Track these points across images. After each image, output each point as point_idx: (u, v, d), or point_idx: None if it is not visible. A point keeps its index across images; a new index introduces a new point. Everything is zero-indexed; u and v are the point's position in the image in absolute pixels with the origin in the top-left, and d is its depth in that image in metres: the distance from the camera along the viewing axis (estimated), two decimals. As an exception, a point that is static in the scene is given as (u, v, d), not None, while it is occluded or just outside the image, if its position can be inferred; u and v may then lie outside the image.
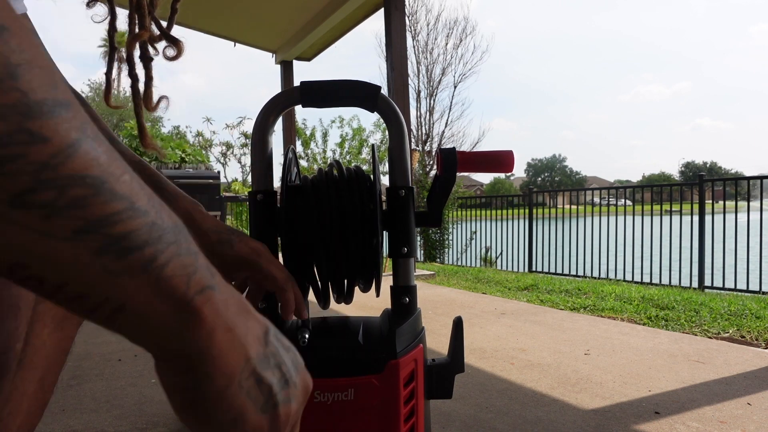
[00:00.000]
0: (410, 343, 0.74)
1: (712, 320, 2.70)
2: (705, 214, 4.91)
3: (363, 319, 0.77)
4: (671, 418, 1.40)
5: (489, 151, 0.79)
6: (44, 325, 0.63)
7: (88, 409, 1.48)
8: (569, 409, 1.47)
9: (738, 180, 5.20)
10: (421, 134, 16.01)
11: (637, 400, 1.53)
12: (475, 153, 0.78)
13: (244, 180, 19.35)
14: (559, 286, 4.01)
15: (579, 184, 67.22)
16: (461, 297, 3.36)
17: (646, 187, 7.31)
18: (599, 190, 6.47)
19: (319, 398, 0.69)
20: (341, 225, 0.71)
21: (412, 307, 0.78)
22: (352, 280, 0.77)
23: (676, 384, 1.67)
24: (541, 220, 6.88)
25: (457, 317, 0.81)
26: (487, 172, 0.80)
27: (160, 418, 1.41)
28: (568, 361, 1.91)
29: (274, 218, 0.77)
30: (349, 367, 0.70)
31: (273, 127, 0.80)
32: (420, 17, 15.88)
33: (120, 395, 1.58)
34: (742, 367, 1.84)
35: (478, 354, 2.01)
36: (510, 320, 2.63)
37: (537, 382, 1.69)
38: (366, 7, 4.72)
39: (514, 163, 0.78)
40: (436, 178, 0.78)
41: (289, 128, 6.01)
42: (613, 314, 2.89)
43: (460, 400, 1.53)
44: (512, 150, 0.79)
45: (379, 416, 0.70)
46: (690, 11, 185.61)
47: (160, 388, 1.71)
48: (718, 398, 1.54)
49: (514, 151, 0.79)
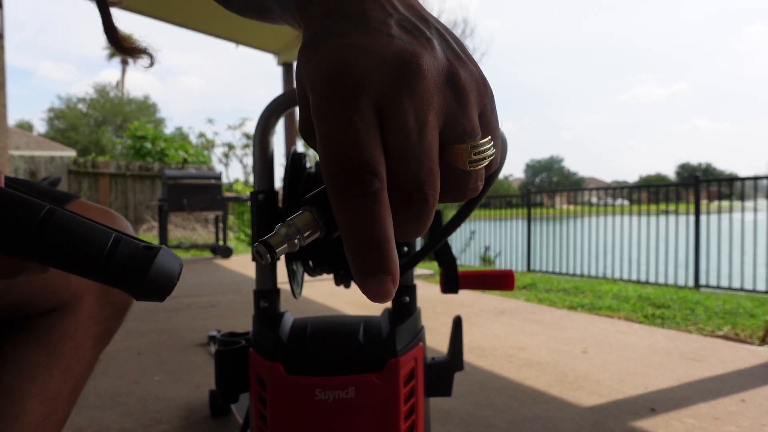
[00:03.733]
0: (410, 341, 0.76)
1: (708, 318, 2.72)
2: (700, 214, 4.94)
3: (363, 318, 0.79)
4: (667, 415, 1.42)
5: (490, 270, 0.82)
6: (87, 338, 0.65)
7: (92, 406, 1.49)
8: (567, 407, 1.49)
9: (733, 181, 5.23)
10: (420, 134, 16.00)
11: (633, 398, 1.55)
12: (476, 273, 0.81)
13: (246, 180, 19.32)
14: (557, 285, 4.03)
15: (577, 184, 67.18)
16: (461, 296, 3.37)
17: (643, 187, 7.34)
18: (596, 190, 6.49)
19: (320, 396, 0.70)
20: None
21: (412, 306, 0.79)
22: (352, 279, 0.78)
23: (672, 381, 1.69)
24: (539, 220, 6.91)
25: (456, 316, 0.83)
26: (488, 289, 0.83)
27: (163, 416, 1.43)
28: (566, 359, 1.93)
29: (275, 218, 0.78)
30: (350, 366, 0.72)
31: (274, 128, 0.82)
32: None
33: (124, 392, 1.60)
34: (737, 364, 1.86)
35: (477, 352, 2.03)
36: (509, 319, 2.65)
37: (535, 380, 1.71)
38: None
39: (515, 282, 0.81)
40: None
41: (290, 129, 6.02)
42: (611, 313, 2.91)
43: (459, 397, 1.55)
44: (512, 270, 0.84)
45: (380, 414, 0.72)
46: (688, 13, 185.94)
47: (163, 386, 1.72)
48: (712, 395, 1.56)
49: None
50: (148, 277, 0.27)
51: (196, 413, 1.45)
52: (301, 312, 2.72)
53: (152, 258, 0.27)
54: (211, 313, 2.82)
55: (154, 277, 0.27)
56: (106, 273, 0.26)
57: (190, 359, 1.96)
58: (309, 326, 0.76)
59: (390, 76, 0.24)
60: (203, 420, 1.40)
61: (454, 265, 0.80)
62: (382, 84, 0.24)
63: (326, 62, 0.24)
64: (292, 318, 0.80)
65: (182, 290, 3.64)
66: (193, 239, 8.81)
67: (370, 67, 0.24)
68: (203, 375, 1.76)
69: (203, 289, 3.68)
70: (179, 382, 1.69)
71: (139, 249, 0.27)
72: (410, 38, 0.25)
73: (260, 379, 0.75)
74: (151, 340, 2.24)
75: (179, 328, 2.46)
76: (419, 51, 0.25)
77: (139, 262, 0.27)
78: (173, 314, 2.78)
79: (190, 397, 1.57)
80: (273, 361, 0.72)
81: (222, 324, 2.51)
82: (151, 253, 0.27)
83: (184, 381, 1.71)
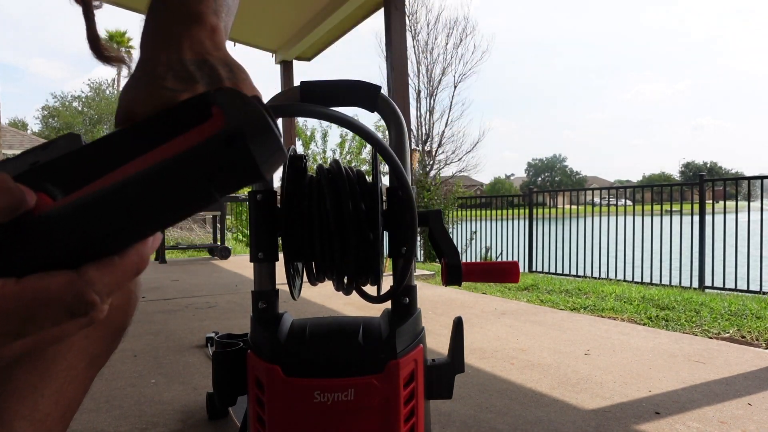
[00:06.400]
0: (410, 343, 0.74)
1: (713, 320, 2.70)
2: (705, 214, 4.91)
3: (363, 319, 0.77)
4: (671, 419, 1.40)
5: (494, 262, 0.80)
6: (81, 359, 0.64)
7: (87, 409, 1.47)
8: (569, 410, 1.47)
9: (738, 180, 5.20)
10: (421, 134, 16.01)
11: (637, 401, 1.53)
12: (480, 264, 0.79)
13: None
14: (559, 286, 4.01)
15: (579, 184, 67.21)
16: (461, 297, 3.35)
17: (647, 187, 7.32)
18: (599, 190, 6.47)
19: (320, 398, 0.69)
20: (340, 224, 0.71)
21: (412, 308, 0.77)
22: (352, 279, 0.77)
23: (677, 384, 1.67)
24: (541, 220, 6.89)
25: (457, 317, 0.81)
26: (492, 282, 0.80)
27: (159, 419, 1.41)
28: (568, 362, 1.91)
29: (273, 218, 0.76)
30: (349, 368, 0.70)
31: (273, 126, 0.80)
32: (420, 17, 15.87)
33: (119, 395, 1.58)
34: (743, 367, 1.83)
35: (478, 354, 2.01)
36: (510, 320, 2.63)
37: (537, 383, 1.69)
38: (366, 7, 4.72)
39: (519, 273, 0.79)
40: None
41: (289, 128, 6.01)
42: (614, 314, 2.89)
43: (460, 400, 1.53)
44: (517, 261, 0.81)
45: (380, 416, 0.70)
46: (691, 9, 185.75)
47: (159, 388, 1.70)
48: (718, 398, 1.54)
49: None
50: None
51: (194, 416, 1.43)
52: (300, 313, 2.71)
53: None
54: (209, 314, 2.80)
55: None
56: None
57: (188, 361, 1.94)
58: (308, 327, 0.75)
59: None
60: (200, 423, 1.39)
61: (456, 256, 0.77)
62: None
63: (120, 104, 0.39)
64: (291, 319, 0.78)
65: (179, 291, 3.62)
66: (191, 239, 8.82)
67: (145, 112, 0.37)
68: (200, 377, 1.74)
69: (201, 289, 3.67)
70: (176, 385, 1.68)
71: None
72: (180, 86, 0.38)
73: (258, 382, 0.73)
74: (148, 341, 2.22)
75: (176, 329, 2.44)
76: (179, 96, 0.37)
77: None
78: (170, 315, 2.77)
79: (187, 399, 1.55)
80: (271, 363, 0.71)
81: (220, 325, 2.50)
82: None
83: (181, 383, 1.69)
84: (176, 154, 0.28)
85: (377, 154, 0.76)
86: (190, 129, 0.30)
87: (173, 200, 0.28)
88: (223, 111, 0.30)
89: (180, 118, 0.33)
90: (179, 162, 0.28)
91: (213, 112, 0.31)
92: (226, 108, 0.30)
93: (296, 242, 0.73)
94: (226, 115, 0.30)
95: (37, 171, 0.30)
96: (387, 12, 4.26)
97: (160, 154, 0.29)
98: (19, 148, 14.91)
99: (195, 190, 0.28)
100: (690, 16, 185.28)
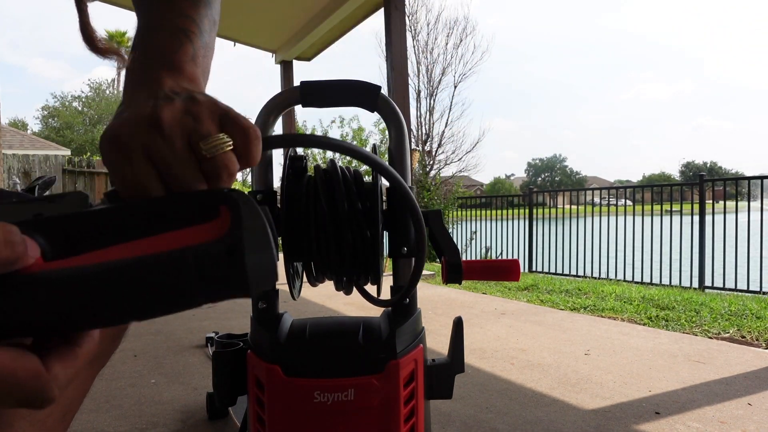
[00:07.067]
0: (410, 343, 0.74)
1: (713, 320, 2.70)
2: (705, 214, 4.91)
3: (363, 319, 0.77)
4: (671, 418, 1.40)
5: (495, 260, 0.79)
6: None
7: (87, 409, 1.47)
8: (569, 410, 1.47)
9: (738, 180, 5.20)
10: (421, 134, 16.00)
11: (637, 401, 1.53)
12: (481, 262, 0.78)
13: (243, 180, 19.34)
14: (559, 286, 4.01)
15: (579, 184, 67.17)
16: (461, 297, 3.35)
17: (647, 187, 7.32)
18: (599, 190, 6.46)
19: (319, 398, 0.69)
20: (335, 223, 0.71)
21: (413, 308, 0.77)
22: (351, 279, 0.77)
23: (677, 384, 1.67)
24: (541, 220, 6.88)
25: (457, 317, 0.81)
26: (493, 280, 0.80)
27: (159, 419, 1.41)
28: (568, 362, 1.91)
29: (273, 218, 0.76)
30: (349, 368, 0.70)
31: (273, 126, 0.80)
32: (420, 17, 15.85)
33: (119, 395, 1.58)
34: (743, 367, 1.83)
35: (478, 354, 2.01)
36: (510, 320, 2.63)
37: (537, 383, 1.69)
38: (366, 7, 4.71)
39: (520, 271, 0.78)
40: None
41: (289, 128, 6.01)
42: (614, 314, 2.89)
43: (460, 400, 1.52)
44: (518, 259, 0.82)
45: (379, 417, 0.70)
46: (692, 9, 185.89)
47: (159, 388, 1.70)
48: (718, 398, 1.54)
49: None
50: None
51: (193, 416, 1.43)
52: (300, 313, 2.71)
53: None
54: (209, 314, 2.80)
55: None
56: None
57: (187, 361, 1.94)
58: (308, 327, 0.74)
59: (145, 131, 0.37)
60: (200, 423, 1.39)
61: (457, 255, 0.77)
62: (141, 137, 0.37)
63: (107, 130, 0.39)
64: (291, 319, 0.78)
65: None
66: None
67: (132, 131, 0.38)
68: (200, 377, 1.74)
69: (203, 289, 3.66)
70: (176, 385, 1.68)
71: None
72: (162, 102, 0.40)
73: (258, 382, 0.73)
74: (148, 341, 2.22)
75: (176, 329, 2.44)
76: (159, 110, 0.38)
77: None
78: (170, 316, 2.77)
79: (187, 399, 1.55)
80: (271, 363, 0.71)
81: (220, 325, 2.50)
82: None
83: (180, 383, 1.69)
84: (175, 249, 0.28)
85: (376, 154, 0.76)
86: (195, 224, 0.30)
87: (159, 293, 0.28)
88: (231, 215, 0.30)
89: (189, 206, 0.33)
90: (175, 257, 0.28)
91: (221, 212, 0.31)
92: (234, 212, 0.30)
93: (295, 242, 0.73)
94: (233, 220, 0.30)
95: (39, 224, 0.29)
96: (387, 12, 4.25)
97: (161, 242, 0.29)
98: (19, 148, 14.87)
99: (182, 288, 0.28)
100: (690, 16, 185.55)
